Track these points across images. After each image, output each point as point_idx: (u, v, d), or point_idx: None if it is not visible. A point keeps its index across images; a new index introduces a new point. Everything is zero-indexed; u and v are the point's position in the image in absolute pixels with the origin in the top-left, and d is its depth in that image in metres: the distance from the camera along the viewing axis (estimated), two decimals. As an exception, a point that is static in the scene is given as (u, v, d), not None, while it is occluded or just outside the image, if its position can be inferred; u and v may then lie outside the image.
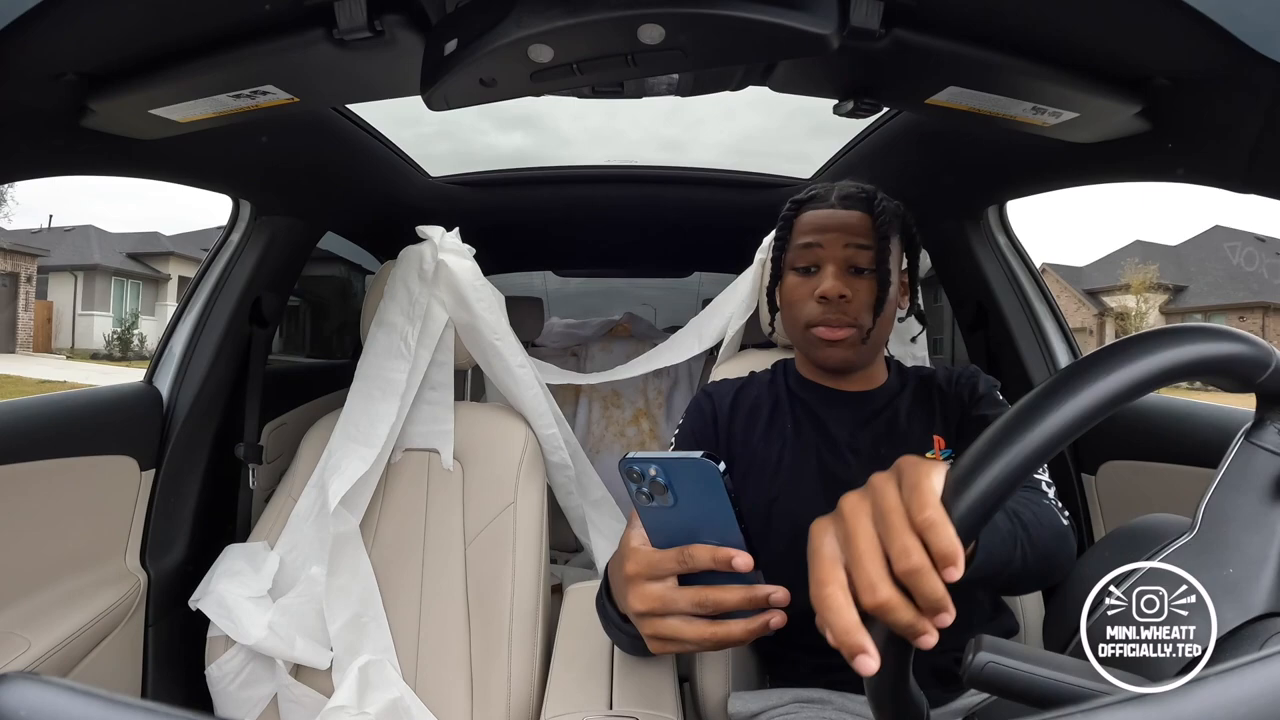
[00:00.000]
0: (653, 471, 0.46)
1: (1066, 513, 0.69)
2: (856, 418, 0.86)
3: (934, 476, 0.37)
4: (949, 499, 0.35)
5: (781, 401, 0.89)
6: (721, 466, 0.45)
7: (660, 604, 0.49)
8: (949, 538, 0.33)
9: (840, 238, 0.84)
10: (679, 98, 0.75)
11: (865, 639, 0.34)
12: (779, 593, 0.46)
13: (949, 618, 0.34)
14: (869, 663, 0.34)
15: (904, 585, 0.34)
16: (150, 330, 17.20)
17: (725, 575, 0.47)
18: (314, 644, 1.05)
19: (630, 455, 0.47)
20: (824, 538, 0.39)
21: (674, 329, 1.50)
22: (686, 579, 0.49)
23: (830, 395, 0.88)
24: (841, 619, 0.35)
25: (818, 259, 0.85)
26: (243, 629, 1.02)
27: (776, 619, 0.46)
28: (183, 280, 18.71)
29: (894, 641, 0.36)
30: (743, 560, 0.46)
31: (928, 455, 0.81)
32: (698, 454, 0.45)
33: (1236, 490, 0.39)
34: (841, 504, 0.39)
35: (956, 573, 0.33)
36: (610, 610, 0.68)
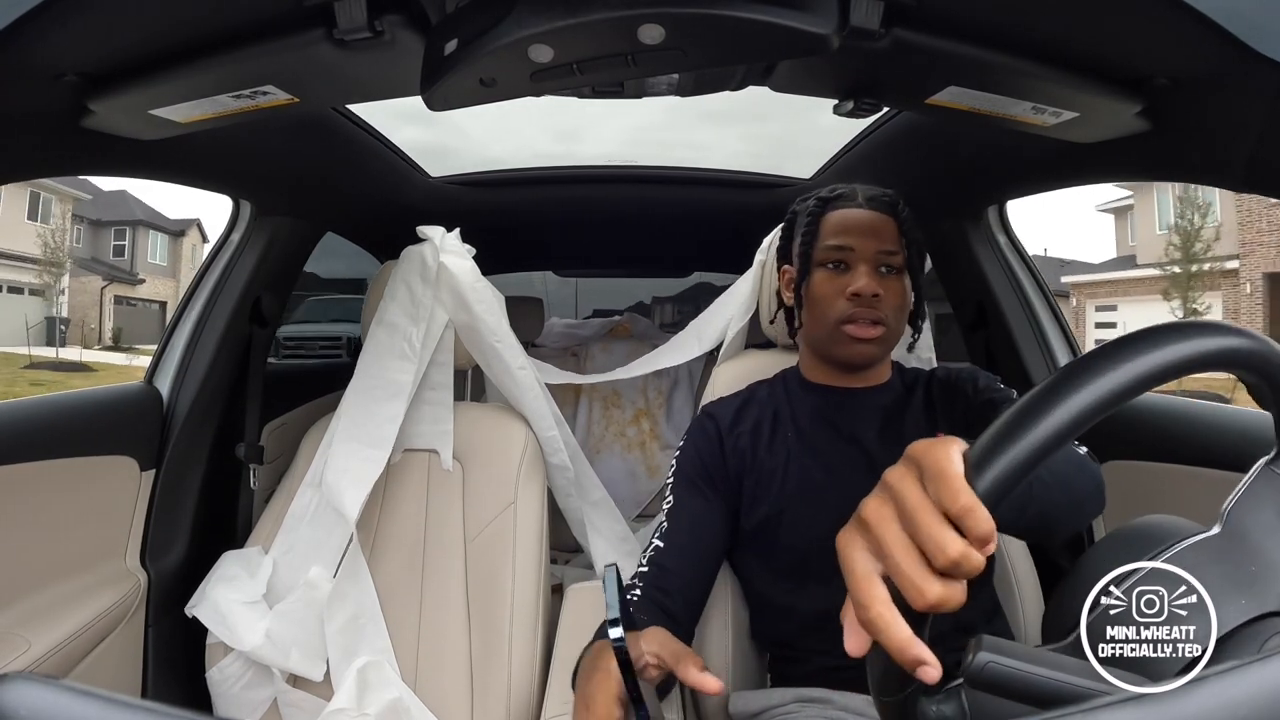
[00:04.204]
0: (606, 599, 0.47)
1: (1084, 447, 0.68)
2: (864, 413, 0.87)
3: (954, 459, 0.36)
4: (972, 476, 0.35)
5: (782, 413, 0.90)
6: (616, 632, 0.44)
7: None
8: (985, 519, 0.33)
9: (871, 239, 0.86)
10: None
11: (923, 650, 0.33)
12: None
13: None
14: (932, 672, 0.33)
15: (946, 574, 0.34)
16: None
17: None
18: (309, 657, 1.03)
19: (608, 570, 0.48)
20: (853, 552, 0.37)
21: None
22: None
23: (838, 394, 0.90)
24: (895, 637, 0.34)
25: (849, 257, 0.86)
26: (238, 636, 1.01)
27: None
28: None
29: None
30: None
31: None
32: (606, 620, 0.45)
33: (1258, 505, 0.39)
34: (862, 511, 0.38)
35: (993, 546, 0.33)
36: None
